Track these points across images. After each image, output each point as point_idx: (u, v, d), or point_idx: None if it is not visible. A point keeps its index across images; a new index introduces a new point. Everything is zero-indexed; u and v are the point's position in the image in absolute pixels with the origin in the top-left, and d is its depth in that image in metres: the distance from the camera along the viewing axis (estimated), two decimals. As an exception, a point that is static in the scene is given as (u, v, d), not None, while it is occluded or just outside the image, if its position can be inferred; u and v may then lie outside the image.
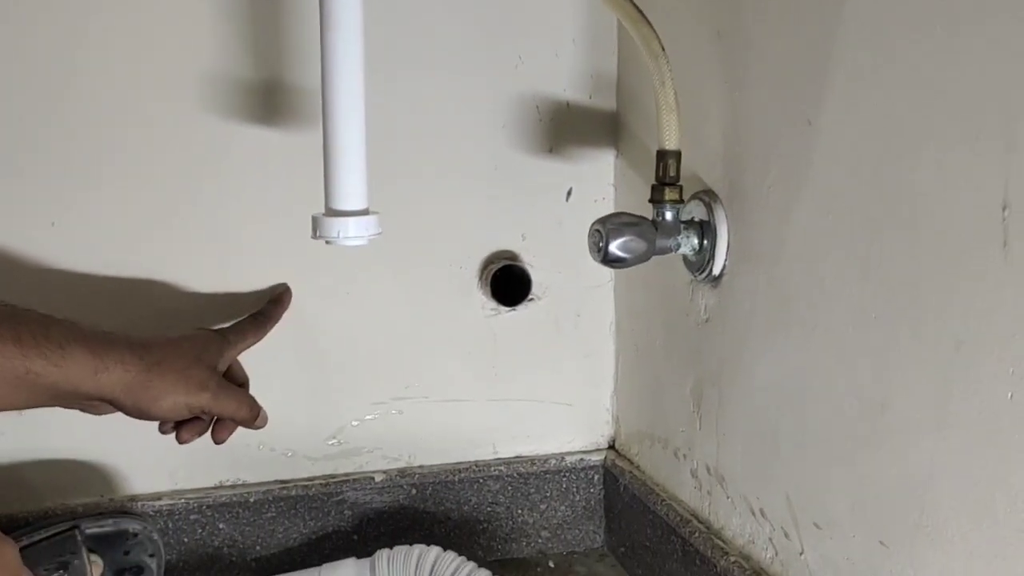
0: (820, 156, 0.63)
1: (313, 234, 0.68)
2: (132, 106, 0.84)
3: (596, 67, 0.96)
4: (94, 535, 0.79)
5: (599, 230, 0.76)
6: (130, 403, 0.69)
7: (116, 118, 0.84)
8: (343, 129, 0.67)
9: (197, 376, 0.72)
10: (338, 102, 0.67)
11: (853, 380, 0.61)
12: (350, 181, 0.67)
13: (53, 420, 0.85)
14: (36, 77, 0.81)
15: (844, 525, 0.63)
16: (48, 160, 0.83)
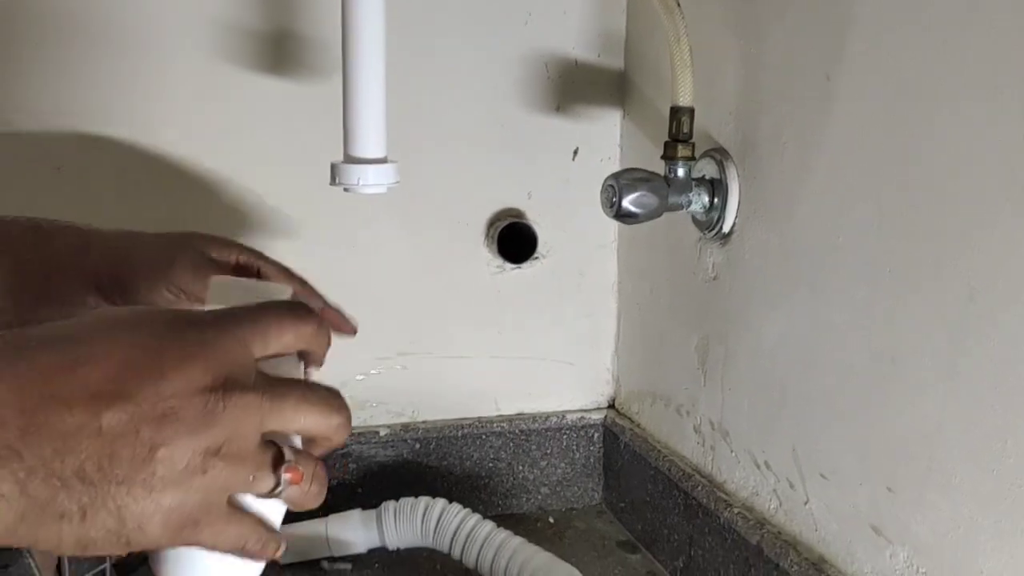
0: (838, 111, 0.64)
1: (332, 181, 0.68)
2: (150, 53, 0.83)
3: (605, 26, 0.96)
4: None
5: (612, 185, 0.76)
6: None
7: (131, 66, 0.83)
8: (364, 77, 0.67)
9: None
10: (359, 52, 0.67)
11: (864, 334, 0.62)
12: (370, 129, 0.67)
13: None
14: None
15: (851, 474, 0.64)
16: (57, 105, 0.83)
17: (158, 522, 0.33)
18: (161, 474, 0.33)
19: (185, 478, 0.33)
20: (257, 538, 0.37)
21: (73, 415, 0.32)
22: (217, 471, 0.34)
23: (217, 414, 0.34)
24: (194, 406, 0.33)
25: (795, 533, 0.71)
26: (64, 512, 0.32)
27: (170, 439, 0.33)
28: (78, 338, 0.34)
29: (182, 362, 0.34)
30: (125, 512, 0.33)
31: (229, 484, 0.35)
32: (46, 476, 0.31)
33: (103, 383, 0.32)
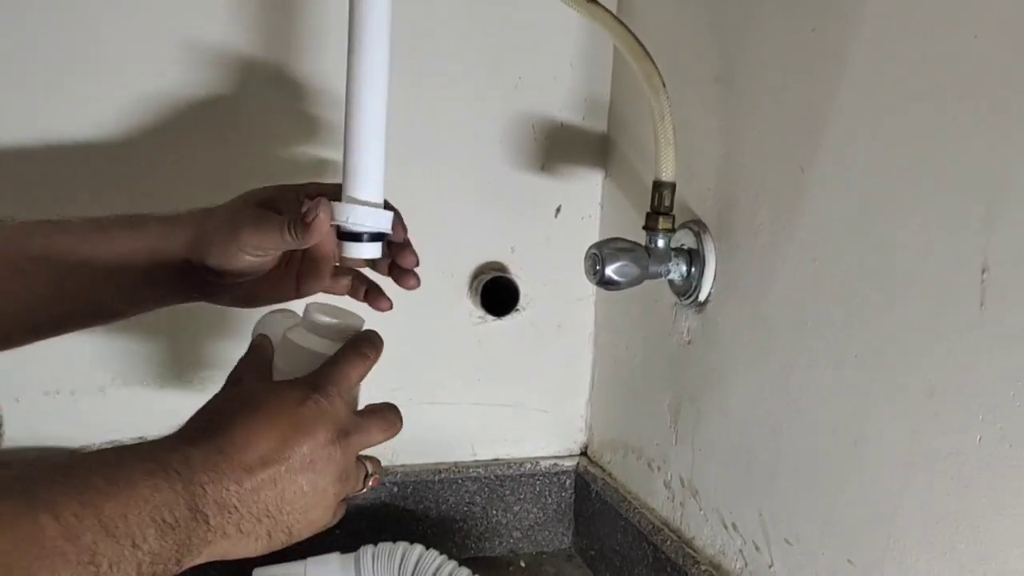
0: (810, 203, 0.68)
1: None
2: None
3: (590, 91, 1.00)
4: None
5: (596, 253, 0.80)
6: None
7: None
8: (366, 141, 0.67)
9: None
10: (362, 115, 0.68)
11: (829, 415, 0.66)
12: (370, 180, 0.67)
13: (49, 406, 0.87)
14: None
15: (814, 542, 0.69)
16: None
17: (310, 528, 0.55)
18: (312, 501, 0.53)
19: (323, 501, 0.54)
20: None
21: (260, 475, 0.51)
22: (339, 491, 0.55)
23: (337, 458, 0.54)
24: (324, 455, 0.54)
25: (759, 593, 0.75)
26: (258, 536, 0.52)
27: (314, 481, 0.53)
28: (243, 425, 0.52)
29: (313, 431, 0.53)
30: (293, 530, 0.53)
31: (344, 493, 0.57)
32: (250, 518, 0.51)
33: (269, 453, 0.52)
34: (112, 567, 0.44)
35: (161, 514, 0.47)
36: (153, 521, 0.46)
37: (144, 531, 0.46)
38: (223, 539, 0.50)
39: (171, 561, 0.47)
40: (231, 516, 0.50)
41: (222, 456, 0.50)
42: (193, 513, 0.48)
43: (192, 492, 0.48)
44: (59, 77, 0.83)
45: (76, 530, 0.43)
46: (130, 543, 0.45)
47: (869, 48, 0.62)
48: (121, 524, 0.45)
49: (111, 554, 0.44)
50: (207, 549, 0.50)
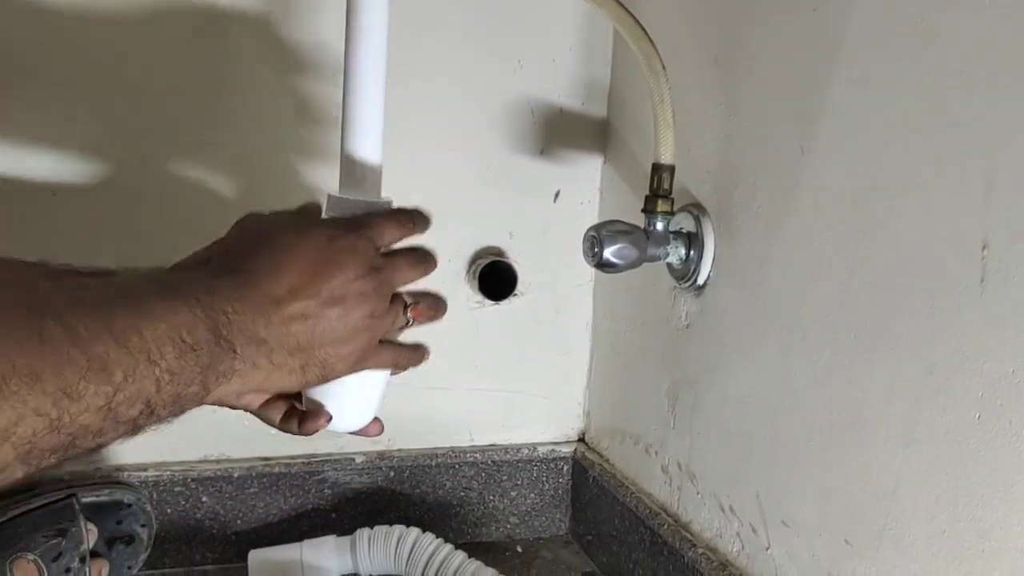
0: (809, 183, 0.68)
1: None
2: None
3: (590, 76, 1.00)
4: (89, 503, 0.81)
5: (594, 236, 0.80)
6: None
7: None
8: (364, 126, 0.68)
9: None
10: (359, 100, 0.68)
11: (827, 395, 0.66)
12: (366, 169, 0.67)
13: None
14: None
15: (811, 524, 0.68)
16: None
17: (345, 363, 0.55)
18: (343, 335, 0.53)
19: (356, 335, 0.54)
20: (404, 355, 0.62)
21: (289, 309, 0.51)
22: (374, 326, 0.55)
23: (368, 293, 0.54)
24: (355, 290, 0.53)
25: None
26: (292, 370, 0.52)
27: (344, 315, 0.53)
28: (270, 257, 0.51)
29: (343, 264, 0.53)
30: (326, 363, 0.53)
31: (380, 331, 0.56)
32: (280, 350, 0.51)
33: (298, 288, 0.51)
34: (127, 379, 0.43)
35: (179, 333, 0.45)
36: (170, 340, 0.45)
37: (160, 348, 0.44)
38: (254, 370, 0.50)
39: (194, 383, 0.46)
40: (261, 348, 0.50)
41: (249, 289, 0.50)
42: (216, 338, 0.47)
43: (214, 319, 0.47)
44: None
45: (84, 339, 0.42)
46: (145, 357, 0.43)
47: (868, 26, 0.62)
48: (135, 338, 0.43)
49: (125, 365, 0.42)
50: (237, 379, 0.49)
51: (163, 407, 0.46)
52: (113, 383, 0.42)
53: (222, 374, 0.48)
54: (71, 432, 0.41)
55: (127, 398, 0.43)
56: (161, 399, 0.45)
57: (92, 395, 0.41)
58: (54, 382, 0.40)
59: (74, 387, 0.41)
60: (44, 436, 0.40)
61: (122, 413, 0.43)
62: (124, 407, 0.43)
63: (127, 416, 0.44)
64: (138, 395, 0.43)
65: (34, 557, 0.73)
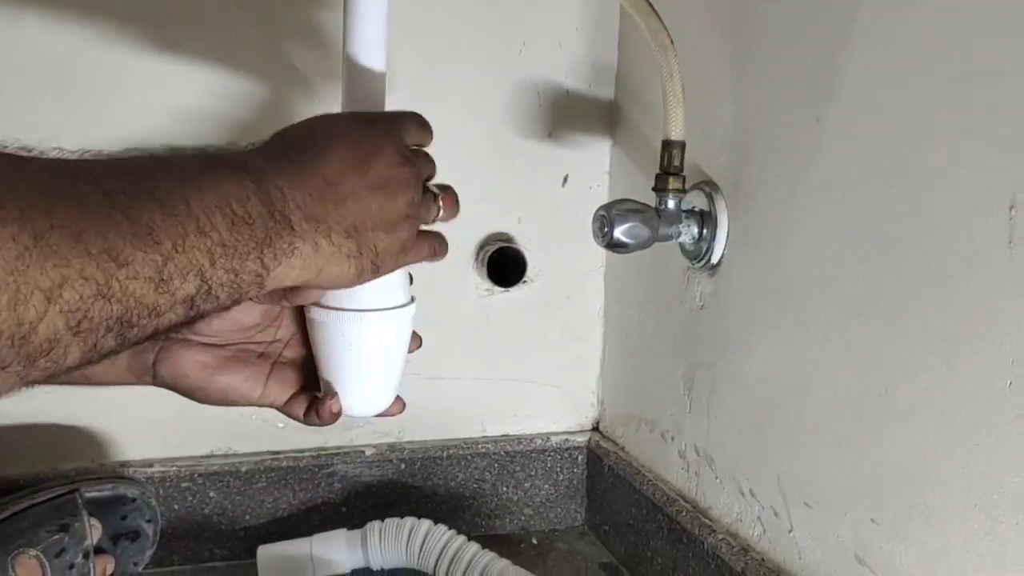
0: (828, 152, 0.66)
1: None
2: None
3: (597, 57, 0.98)
4: (93, 499, 0.79)
5: (604, 215, 0.78)
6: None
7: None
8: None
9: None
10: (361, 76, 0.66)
11: (852, 370, 0.64)
12: None
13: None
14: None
15: (835, 504, 0.66)
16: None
17: (392, 251, 0.52)
18: (391, 220, 0.51)
19: (401, 221, 0.52)
20: (439, 243, 0.59)
21: (342, 189, 0.49)
22: (413, 213, 0.53)
23: (408, 179, 0.52)
24: (397, 176, 0.52)
25: (779, 561, 0.73)
26: (349, 253, 0.50)
27: (391, 198, 0.51)
28: (315, 144, 0.50)
29: (384, 148, 0.52)
30: (378, 248, 0.51)
31: (419, 220, 0.55)
32: (339, 231, 0.49)
33: (348, 169, 0.50)
34: (176, 248, 0.40)
35: (229, 204, 0.43)
36: (220, 209, 0.42)
37: (211, 218, 0.42)
38: (314, 252, 0.48)
39: (250, 258, 0.44)
40: (320, 227, 0.48)
41: (300, 170, 0.48)
42: (271, 211, 0.45)
43: (267, 192, 0.45)
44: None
45: (126, 204, 0.39)
46: (195, 226, 0.41)
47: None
48: (181, 206, 0.41)
49: (173, 233, 0.40)
50: (298, 260, 0.47)
51: (220, 286, 0.43)
52: (162, 251, 0.40)
53: (281, 252, 0.46)
54: (123, 304, 0.39)
55: (179, 270, 0.41)
56: (217, 275, 0.43)
57: (140, 263, 0.39)
58: (98, 243, 0.37)
59: (120, 251, 0.38)
60: (93, 304, 0.37)
61: (176, 288, 0.41)
62: (177, 280, 0.41)
63: (183, 293, 0.41)
64: (190, 267, 0.41)
65: (36, 552, 0.71)
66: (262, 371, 0.62)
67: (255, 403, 0.63)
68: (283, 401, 0.63)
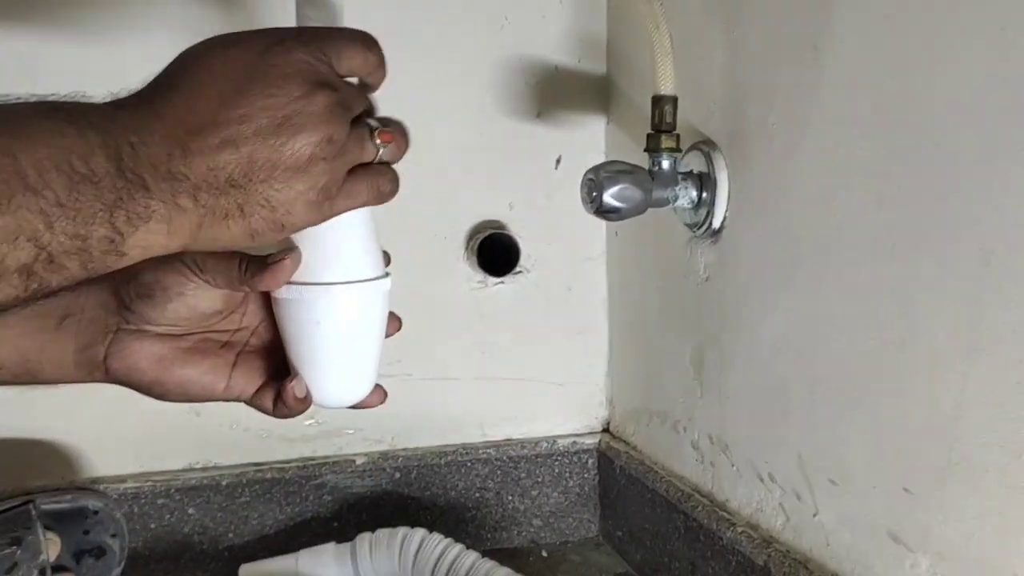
0: (828, 82, 0.59)
1: None
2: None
3: (585, 29, 0.92)
4: (51, 511, 0.73)
5: (592, 178, 0.71)
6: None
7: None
8: None
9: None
10: None
11: (870, 318, 0.56)
12: None
13: (15, 396, 0.80)
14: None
15: (862, 477, 0.58)
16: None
17: (302, 202, 0.43)
18: (292, 166, 0.42)
19: (311, 165, 0.42)
20: (384, 180, 0.47)
21: (212, 137, 0.40)
22: (333, 154, 0.43)
23: (320, 112, 0.42)
24: (301, 109, 0.41)
25: (805, 550, 0.65)
26: (228, 212, 0.41)
27: (289, 139, 0.41)
28: (184, 80, 0.41)
29: (285, 76, 0.41)
30: (274, 201, 0.42)
31: (345, 161, 0.44)
32: (208, 188, 0.41)
33: (224, 111, 0.41)
34: (1, 209, 0.35)
35: (68, 160, 0.37)
36: (56, 167, 0.37)
37: (44, 175, 0.36)
38: (179, 214, 0.40)
39: (97, 222, 0.38)
40: (181, 185, 0.40)
41: (157, 118, 0.40)
42: (120, 170, 0.38)
43: (115, 148, 0.39)
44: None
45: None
46: (21, 183, 0.36)
47: None
48: (6, 161, 0.36)
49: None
50: (161, 224, 0.40)
51: (65, 254, 0.38)
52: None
53: (136, 215, 0.39)
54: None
55: (5, 233, 0.36)
56: (57, 241, 0.37)
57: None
58: None
59: None
60: None
61: (4, 254, 0.36)
62: (4, 245, 0.36)
63: (15, 260, 0.36)
64: (20, 230, 0.36)
65: (-16, 569, 0.65)
66: (226, 362, 0.56)
67: (219, 397, 0.56)
68: (250, 394, 0.56)
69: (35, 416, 0.82)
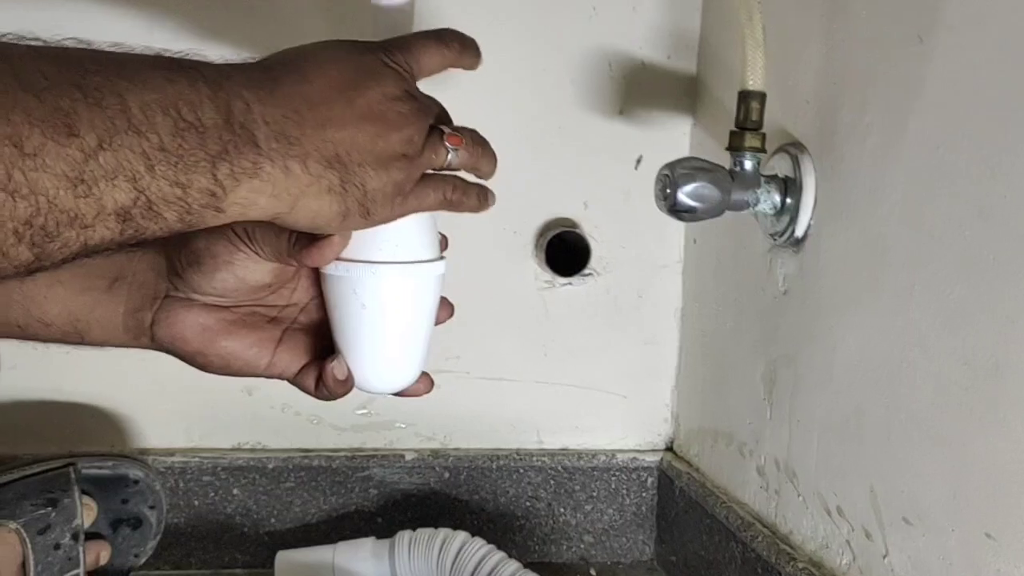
0: (932, 79, 0.54)
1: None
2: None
3: (677, 24, 0.87)
4: (91, 476, 0.72)
5: (667, 174, 0.67)
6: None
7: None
8: None
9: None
10: None
11: (960, 340, 0.50)
12: None
13: (70, 360, 0.79)
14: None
15: (940, 518, 0.52)
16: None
17: (383, 194, 0.44)
18: (380, 156, 0.44)
19: (394, 161, 0.44)
20: (453, 187, 0.49)
21: (326, 111, 0.42)
22: (411, 154, 0.45)
23: (407, 115, 0.45)
24: (392, 109, 0.44)
25: (871, 594, 0.59)
26: (331, 186, 0.43)
27: (382, 133, 0.44)
28: (301, 65, 0.43)
29: (379, 80, 0.44)
30: (367, 186, 0.44)
31: (420, 165, 0.46)
32: (318, 159, 0.42)
33: (335, 93, 0.43)
34: (103, 145, 0.35)
35: (176, 106, 0.37)
36: (164, 111, 0.37)
37: (150, 117, 0.36)
38: (286, 177, 0.41)
39: (199, 170, 0.38)
40: (293, 148, 0.41)
41: (277, 83, 0.42)
42: (229, 123, 0.39)
43: (227, 101, 0.39)
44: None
45: (41, 87, 0.34)
46: (126, 123, 0.36)
47: None
48: (113, 100, 0.35)
49: (99, 127, 0.35)
50: (266, 185, 0.40)
51: (164, 201, 0.37)
52: (83, 146, 0.34)
53: (242, 170, 0.39)
54: (32, 203, 0.34)
55: (105, 171, 0.35)
56: (157, 186, 0.37)
57: (52, 155, 0.34)
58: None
59: (25, 137, 0.33)
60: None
61: (103, 193, 0.35)
62: (103, 183, 0.35)
63: (112, 201, 0.36)
64: (119, 170, 0.36)
65: (16, 526, 0.64)
66: (271, 337, 0.54)
67: (262, 373, 0.55)
68: (294, 372, 0.54)
69: (89, 382, 0.82)
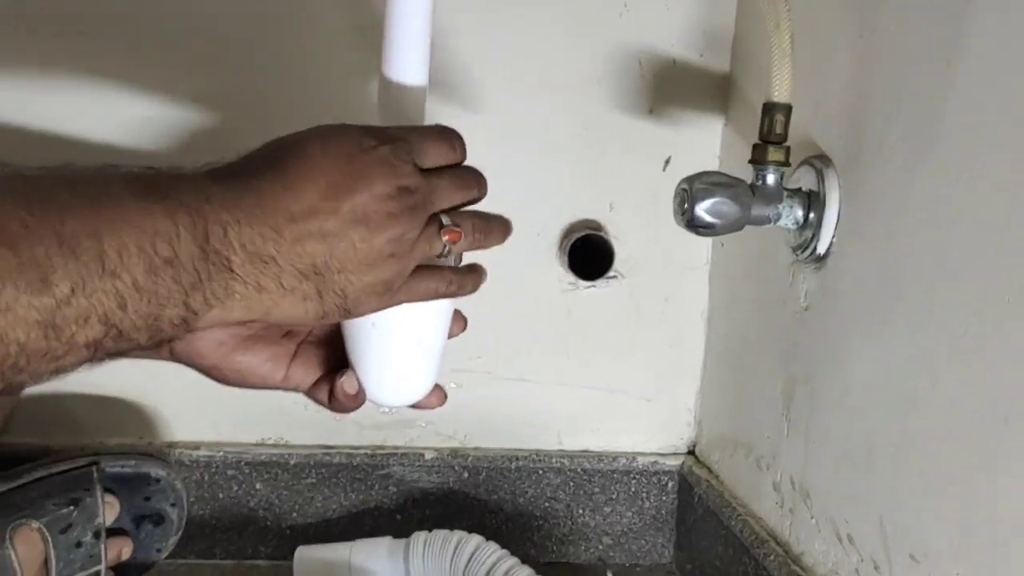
0: (956, 103, 0.51)
1: None
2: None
3: (710, 22, 0.85)
4: (114, 475, 0.74)
5: (685, 189, 0.66)
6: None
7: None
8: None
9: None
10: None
11: (972, 379, 0.49)
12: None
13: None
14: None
15: (947, 558, 0.51)
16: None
17: (367, 293, 0.46)
18: (364, 261, 0.44)
19: (381, 261, 0.45)
20: (448, 279, 0.50)
21: (307, 225, 0.43)
22: (402, 252, 0.46)
23: (396, 214, 0.45)
24: (382, 209, 0.44)
25: (877, 626, 0.57)
26: (307, 295, 0.44)
27: (368, 237, 0.44)
28: (286, 168, 0.43)
29: (369, 180, 0.44)
30: (347, 290, 0.45)
31: (412, 259, 0.47)
32: (293, 272, 0.43)
33: (317, 202, 0.43)
34: (76, 292, 0.36)
35: (152, 243, 0.38)
36: (140, 249, 0.38)
37: (126, 259, 0.37)
38: (260, 293, 0.42)
39: (173, 303, 0.39)
40: (268, 268, 0.42)
41: (257, 199, 0.42)
42: (204, 252, 0.40)
43: (204, 229, 0.40)
44: None
45: (18, 237, 0.34)
46: (100, 268, 0.36)
47: None
48: (89, 243, 0.36)
49: (73, 276, 0.36)
50: (236, 303, 0.42)
51: (135, 329, 0.39)
52: (55, 295, 0.35)
53: (214, 295, 0.41)
54: (3, 350, 0.35)
55: (77, 316, 0.36)
56: (130, 321, 0.38)
57: (25, 306, 0.35)
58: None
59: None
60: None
61: (75, 333, 0.36)
62: (75, 326, 0.36)
63: (84, 338, 0.37)
64: (92, 311, 0.37)
65: (39, 525, 0.66)
66: (286, 352, 0.55)
67: (277, 387, 0.56)
68: (308, 385, 0.56)
69: (120, 377, 0.84)
